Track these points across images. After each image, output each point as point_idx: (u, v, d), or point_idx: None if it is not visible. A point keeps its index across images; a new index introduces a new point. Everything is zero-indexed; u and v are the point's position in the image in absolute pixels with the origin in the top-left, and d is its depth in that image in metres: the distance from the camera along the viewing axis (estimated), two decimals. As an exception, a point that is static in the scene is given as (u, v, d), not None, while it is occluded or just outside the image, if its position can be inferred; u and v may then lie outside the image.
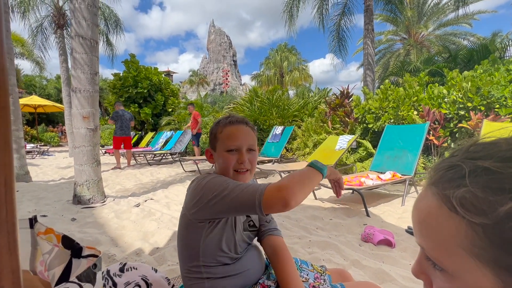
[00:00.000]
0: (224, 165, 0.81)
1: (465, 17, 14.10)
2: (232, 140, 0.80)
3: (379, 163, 3.70)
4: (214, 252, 0.76)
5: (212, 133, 0.86)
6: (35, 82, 25.67)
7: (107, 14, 10.81)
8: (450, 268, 0.27)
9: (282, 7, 8.96)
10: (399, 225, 2.33)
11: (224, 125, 0.83)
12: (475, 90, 3.61)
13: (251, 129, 0.85)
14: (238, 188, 0.69)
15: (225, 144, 0.81)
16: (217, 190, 0.70)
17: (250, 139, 0.83)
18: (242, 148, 0.81)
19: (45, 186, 4.07)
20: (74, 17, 2.72)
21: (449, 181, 0.28)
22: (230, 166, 0.80)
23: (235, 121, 0.83)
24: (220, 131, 0.83)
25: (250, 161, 0.82)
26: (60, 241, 0.51)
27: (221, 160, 0.81)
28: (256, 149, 0.85)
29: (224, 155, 0.81)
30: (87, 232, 2.16)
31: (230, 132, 0.81)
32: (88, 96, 2.82)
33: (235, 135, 0.81)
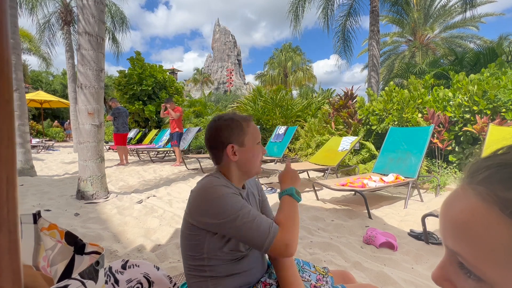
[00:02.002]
0: (256, 157, 0.86)
1: (472, 19, 13.94)
2: (258, 133, 0.88)
3: (382, 165, 3.67)
4: (219, 251, 0.76)
5: (237, 128, 0.84)
6: (41, 78, 25.90)
7: (113, 11, 10.88)
8: (493, 279, 0.24)
9: (288, 7, 8.93)
10: (401, 228, 2.32)
11: (247, 120, 0.87)
12: (482, 93, 3.56)
13: None
14: (249, 222, 0.72)
15: (254, 137, 0.86)
16: (228, 215, 0.72)
17: None
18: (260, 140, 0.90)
19: (49, 181, 4.11)
20: (82, 13, 2.74)
21: (503, 181, 0.24)
22: (260, 157, 0.87)
23: (251, 118, 0.90)
24: (247, 125, 0.86)
25: None
26: (63, 237, 0.52)
27: (251, 154, 0.85)
28: None
29: (255, 148, 0.86)
30: (90, 228, 2.18)
31: (254, 126, 0.88)
32: (94, 92, 2.84)
33: (257, 129, 0.89)
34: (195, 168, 5.71)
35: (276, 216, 0.81)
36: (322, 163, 4.24)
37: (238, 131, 0.85)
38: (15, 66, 4.02)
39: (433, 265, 1.66)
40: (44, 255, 0.54)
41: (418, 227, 2.29)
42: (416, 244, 1.95)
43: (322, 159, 4.36)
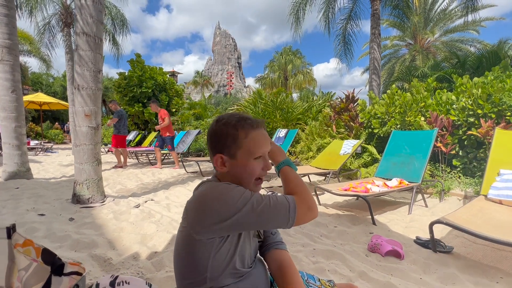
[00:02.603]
0: (249, 174, 0.73)
1: (473, 23, 13.98)
2: (259, 146, 0.73)
3: (385, 169, 3.60)
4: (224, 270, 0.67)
5: (229, 136, 0.72)
6: (42, 80, 25.92)
7: (114, 13, 10.88)
8: None
9: (289, 10, 8.93)
10: (406, 235, 2.24)
11: (248, 129, 0.72)
12: (486, 96, 3.51)
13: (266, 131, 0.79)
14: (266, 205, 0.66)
15: (251, 151, 0.72)
16: (244, 205, 0.64)
17: (269, 143, 0.77)
18: (265, 153, 0.75)
19: (45, 184, 4.03)
20: (81, 14, 2.69)
21: None
22: (255, 174, 0.74)
23: (256, 124, 0.74)
24: (244, 136, 0.72)
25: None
26: (40, 255, 0.45)
27: (244, 169, 0.72)
28: None
29: (251, 164, 0.72)
30: (84, 233, 2.10)
31: (256, 138, 0.73)
32: (91, 94, 2.78)
33: (262, 141, 0.74)
34: (194, 171, 5.64)
35: (285, 189, 0.75)
36: (324, 167, 4.17)
37: (230, 141, 0.72)
38: (13, 67, 3.97)
39: (442, 275, 1.59)
40: (18, 276, 0.47)
41: (424, 234, 2.22)
42: (423, 253, 1.88)
43: (323, 163, 4.29)
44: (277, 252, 0.82)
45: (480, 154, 3.58)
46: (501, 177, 2.43)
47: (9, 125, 4.01)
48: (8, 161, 4.07)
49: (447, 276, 1.57)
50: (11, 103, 4.00)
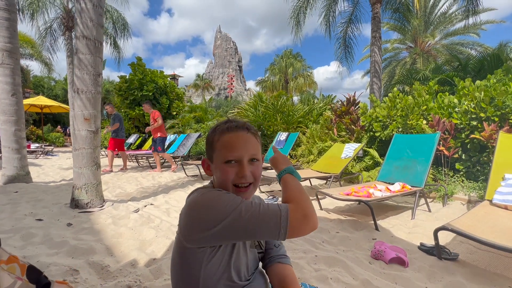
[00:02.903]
0: (222, 179, 0.70)
1: (473, 26, 14.00)
2: (231, 149, 0.69)
3: (387, 173, 3.56)
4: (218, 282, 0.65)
5: (208, 141, 0.75)
6: (43, 83, 26.06)
7: (115, 17, 10.94)
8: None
9: (289, 14, 8.96)
10: (410, 241, 2.20)
11: (222, 132, 0.71)
12: (489, 100, 3.48)
13: (253, 135, 0.73)
14: (255, 212, 0.60)
15: (222, 155, 0.69)
16: (230, 212, 0.60)
17: (252, 147, 0.71)
18: (242, 158, 0.69)
19: (45, 188, 4.01)
20: (81, 17, 2.68)
21: None
22: (229, 180, 0.69)
23: (234, 127, 0.71)
24: (217, 139, 0.71)
25: (252, 174, 0.70)
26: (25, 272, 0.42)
27: (219, 173, 0.70)
28: (260, 158, 0.74)
29: (222, 168, 0.69)
30: (82, 239, 2.06)
31: (228, 140, 0.70)
32: (91, 98, 2.76)
33: (234, 144, 0.69)
34: (194, 175, 5.60)
35: (284, 197, 0.69)
36: (325, 171, 4.13)
37: (209, 145, 0.74)
38: (13, 71, 3.97)
39: (448, 284, 1.54)
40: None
41: (428, 240, 2.17)
42: (428, 260, 1.84)
43: (324, 167, 4.25)
44: (280, 267, 0.78)
45: (484, 158, 3.54)
46: (506, 181, 2.39)
47: (9, 128, 4.00)
48: (7, 165, 4.05)
49: (453, 284, 1.53)
50: (11, 106, 3.99)
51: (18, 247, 1.91)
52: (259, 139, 0.76)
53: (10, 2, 3.93)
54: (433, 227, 2.47)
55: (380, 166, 4.30)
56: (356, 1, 9.02)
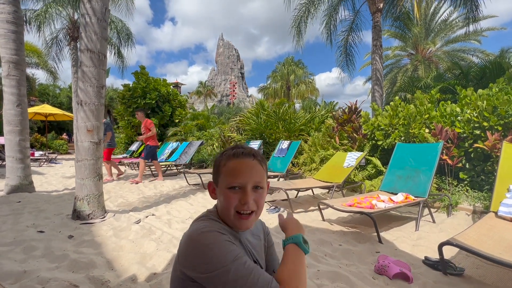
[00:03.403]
0: (225, 204, 0.71)
1: (474, 33, 14.05)
2: (235, 176, 0.70)
3: (390, 183, 3.53)
4: None
5: (215, 165, 0.76)
6: (48, 91, 26.44)
7: (119, 27, 11.16)
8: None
9: (291, 23, 9.07)
10: (414, 254, 2.16)
11: (228, 158, 0.73)
12: (491, 109, 3.46)
13: (258, 163, 0.73)
14: (243, 277, 0.59)
15: (227, 180, 0.71)
16: (218, 268, 0.59)
17: (256, 174, 0.71)
18: (246, 185, 0.70)
19: (47, 197, 4.02)
20: (85, 31, 2.74)
21: None
22: (232, 206, 0.70)
23: (241, 153, 0.72)
24: (223, 164, 0.73)
25: (255, 201, 0.71)
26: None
27: (222, 198, 0.71)
28: (264, 186, 0.74)
29: (225, 193, 0.71)
30: (83, 253, 2.06)
31: (233, 167, 0.71)
32: (94, 109, 2.79)
33: (239, 170, 0.70)
34: (196, 184, 5.59)
35: (278, 271, 0.66)
36: (327, 180, 4.11)
37: (215, 169, 0.75)
38: (19, 82, 4.04)
39: (454, 301, 1.51)
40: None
41: (433, 253, 2.13)
42: (432, 275, 1.80)
43: (327, 176, 4.23)
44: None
45: (488, 167, 3.50)
46: (511, 193, 2.35)
47: (14, 138, 4.04)
48: (11, 175, 4.08)
49: (459, 302, 1.49)
50: (16, 116, 4.05)
51: (19, 261, 1.91)
52: (265, 167, 0.76)
53: (17, 15, 4.03)
54: (437, 239, 2.44)
55: (382, 175, 4.27)
56: (357, 10, 9.14)
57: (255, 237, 0.83)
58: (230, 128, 9.77)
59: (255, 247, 0.81)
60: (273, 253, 0.90)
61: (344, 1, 9.06)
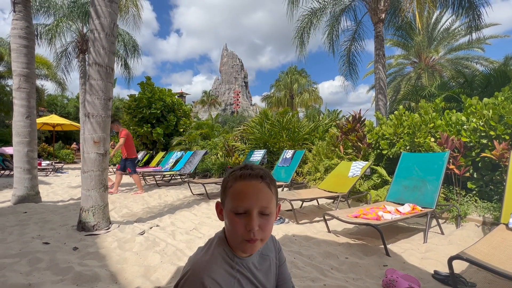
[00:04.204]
0: (231, 230, 0.67)
1: (477, 41, 14.07)
2: (240, 199, 0.65)
3: (396, 193, 3.48)
4: None
5: (222, 185, 0.73)
6: (57, 101, 27.07)
7: (126, 40, 11.46)
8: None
9: (293, 34, 9.22)
10: (423, 268, 2.10)
11: (235, 179, 0.68)
12: (498, 118, 3.43)
13: (267, 186, 0.68)
14: None
15: (232, 203, 0.67)
16: None
17: (263, 199, 0.66)
18: (251, 210, 0.65)
19: (53, 207, 4.05)
20: (94, 46, 2.82)
21: None
22: (238, 234, 0.66)
23: (248, 175, 0.67)
24: (230, 185, 0.69)
25: (261, 228, 0.66)
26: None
27: (228, 222, 0.68)
28: (273, 211, 0.69)
29: (230, 218, 0.67)
30: (87, 265, 2.05)
31: (239, 189, 0.67)
32: (101, 121, 2.84)
33: (244, 194, 0.66)
34: (200, 194, 5.59)
35: None
36: (332, 190, 4.07)
37: (223, 188, 0.72)
38: (29, 95, 4.15)
39: (466, 319, 1.45)
40: None
41: (442, 267, 2.08)
42: (443, 290, 1.75)
43: (331, 186, 4.19)
44: None
45: (496, 177, 3.43)
46: (522, 204, 2.30)
47: (22, 149, 4.12)
48: (18, 185, 4.13)
49: (471, 320, 1.44)
50: (25, 128, 4.14)
51: (24, 273, 1.91)
52: (274, 189, 0.71)
53: (29, 30, 4.18)
54: (447, 251, 2.38)
55: (388, 185, 4.21)
56: (359, 21, 9.25)
57: (263, 258, 0.79)
58: (234, 137, 9.81)
59: (261, 272, 0.77)
60: (284, 272, 0.86)
61: (346, 12, 9.20)
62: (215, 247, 0.70)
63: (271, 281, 0.80)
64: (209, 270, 0.63)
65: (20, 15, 4.10)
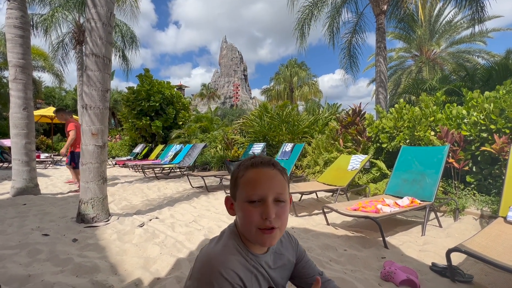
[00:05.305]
0: (245, 221, 0.64)
1: (480, 34, 13.92)
2: (254, 187, 0.63)
3: (395, 186, 3.49)
4: None
5: (232, 178, 0.70)
6: (54, 94, 26.83)
7: (124, 31, 11.27)
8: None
9: (294, 26, 9.08)
10: (421, 260, 2.12)
11: (246, 168, 0.67)
12: (499, 112, 3.41)
13: (279, 173, 0.67)
14: None
15: (245, 193, 0.64)
16: None
17: (277, 185, 0.65)
18: (267, 197, 0.63)
19: (52, 200, 4.05)
20: (90, 36, 2.76)
21: None
22: (252, 223, 0.63)
23: (259, 163, 0.66)
24: (241, 175, 0.67)
25: (278, 216, 0.63)
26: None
27: (241, 213, 0.65)
28: (287, 199, 0.67)
29: (244, 208, 0.64)
30: (87, 256, 2.06)
31: (251, 177, 0.65)
32: (98, 113, 2.81)
33: (258, 181, 0.64)
34: (199, 186, 5.59)
35: None
36: (331, 183, 4.08)
37: (233, 181, 0.69)
38: (25, 86, 4.09)
39: (463, 310, 1.47)
40: None
41: (440, 259, 2.10)
42: (440, 282, 1.76)
43: (331, 179, 4.20)
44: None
45: (495, 171, 3.44)
46: (521, 198, 2.30)
47: (20, 141, 4.09)
48: (17, 177, 4.12)
49: (468, 311, 1.46)
50: (22, 120, 4.10)
51: (24, 264, 1.92)
52: (286, 177, 0.69)
53: (24, 20, 4.09)
54: (444, 244, 2.40)
55: (387, 178, 4.22)
56: (360, 12, 9.11)
57: (278, 257, 0.77)
58: (234, 131, 9.78)
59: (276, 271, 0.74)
60: (308, 261, 0.85)
61: (347, 3, 9.04)
62: (229, 240, 0.67)
63: (285, 280, 0.79)
64: (226, 261, 0.61)
65: (14, 4, 4.00)
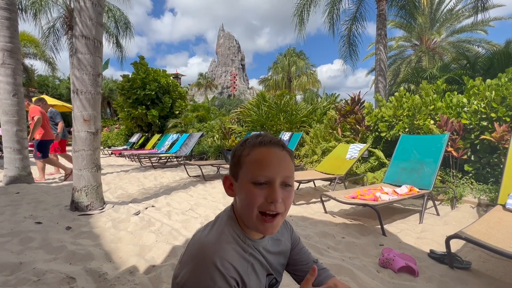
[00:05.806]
0: (247, 202, 0.58)
1: (481, 23, 13.72)
2: (262, 167, 0.58)
3: (393, 175, 3.47)
4: None
5: (235, 155, 0.64)
6: (48, 82, 26.25)
7: (117, 16, 10.91)
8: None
9: (293, 11, 8.84)
10: (419, 247, 2.11)
11: (253, 146, 0.61)
12: (500, 99, 3.36)
13: (288, 155, 0.62)
14: None
15: (251, 173, 0.58)
16: None
17: (286, 168, 0.60)
18: (274, 180, 0.58)
19: (46, 188, 3.98)
20: (80, 16, 2.63)
21: None
22: (255, 205, 0.57)
23: (268, 141, 0.61)
24: (247, 153, 0.60)
25: (283, 201, 0.59)
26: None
27: (244, 195, 0.59)
28: (293, 184, 0.62)
29: (248, 189, 0.58)
30: (80, 244, 2.02)
31: (260, 157, 0.59)
32: (90, 98, 2.71)
33: (267, 161, 0.58)
34: (196, 176, 5.55)
35: None
36: (329, 172, 4.05)
37: (235, 160, 0.63)
38: (14, 71, 3.94)
39: (462, 296, 1.46)
40: None
41: (438, 246, 2.09)
42: (438, 269, 1.75)
43: (329, 168, 4.17)
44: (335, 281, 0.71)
45: (494, 160, 3.42)
46: (520, 185, 2.29)
47: (10, 129, 3.98)
48: (9, 166, 4.03)
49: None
50: (12, 106, 3.97)
51: (16, 252, 1.87)
52: (294, 161, 0.65)
53: (10, 1, 3.90)
54: (442, 231, 2.40)
55: (385, 167, 4.21)
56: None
57: (275, 242, 0.73)
58: (231, 120, 9.67)
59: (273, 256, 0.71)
60: (302, 248, 0.82)
61: (348, -11, 8.79)
62: (225, 226, 0.62)
63: (282, 267, 0.76)
64: (221, 250, 0.56)
65: (-1, -16, 3.79)
